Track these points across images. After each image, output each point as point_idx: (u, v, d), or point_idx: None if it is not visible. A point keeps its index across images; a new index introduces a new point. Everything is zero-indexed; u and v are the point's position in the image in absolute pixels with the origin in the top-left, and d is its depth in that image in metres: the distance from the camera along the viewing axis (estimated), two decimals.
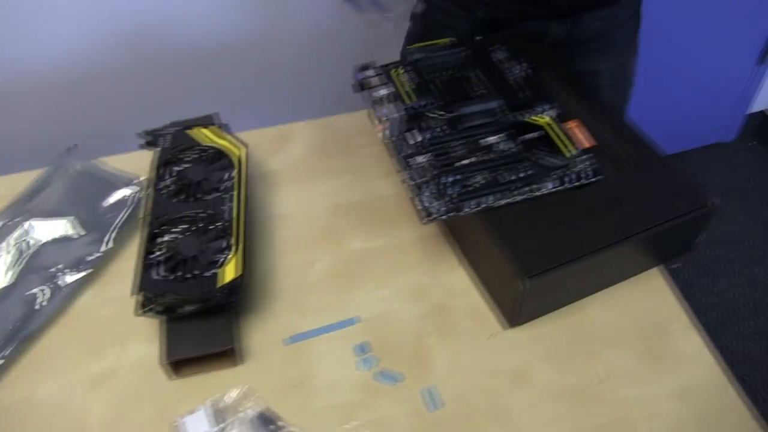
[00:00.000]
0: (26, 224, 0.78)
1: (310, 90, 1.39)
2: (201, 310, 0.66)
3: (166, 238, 0.70)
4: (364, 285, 0.73)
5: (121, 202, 0.82)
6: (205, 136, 0.80)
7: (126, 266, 0.73)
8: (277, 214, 0.81)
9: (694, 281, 1.61)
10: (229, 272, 0.67)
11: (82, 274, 0.74)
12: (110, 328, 0.71)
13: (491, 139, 0.74)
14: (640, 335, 0.69)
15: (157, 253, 0.68)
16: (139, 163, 0.81)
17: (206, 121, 0.83)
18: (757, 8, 1.71)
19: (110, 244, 0.77)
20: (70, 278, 0.73)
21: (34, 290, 0.72)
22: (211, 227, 0.71)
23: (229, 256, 0.68)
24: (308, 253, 0.77)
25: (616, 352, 0.67)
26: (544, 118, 0.76)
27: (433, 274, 0.74)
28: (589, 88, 0.82)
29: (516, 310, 0.66)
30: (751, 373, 1.43)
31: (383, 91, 0.75)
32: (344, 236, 0.78)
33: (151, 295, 0.65)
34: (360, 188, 0.83)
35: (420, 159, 0.72)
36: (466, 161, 0.72)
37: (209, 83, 1.30)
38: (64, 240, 0.77)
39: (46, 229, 0.78)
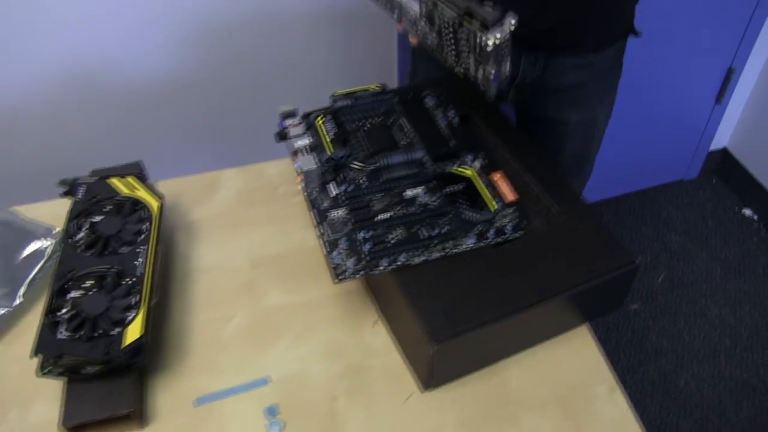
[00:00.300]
0: None
1: (243, 134, 1.36)
2: (105, 371, 0.63)
3: (74, 294, 0.67)
4: (279, 343, 0.71)
5: (37, 254, 0.79)
6: (123, 186, 0.78)
7: (36, 322, 0.70)
8: (198, 266, 0.78)
9: (652, 323, 1.59)
10: (134, 332, 0.64)
11: None
12: (15, 388, 0.67)
13: (413, 191, 0.72)
14: (562, 399, 0.66)
15: (64, 310, 0.65)
16: (60, 211, 0.78)
17: (128, 170, 0.81)
18: (715, 47, 1.72)
19: (21, 299, 0.74)
20: None
21: None
22: (121, 283, 0.68)
23: (135, 315, 0.65)
24: (225, 308, 0.74)
25: (535, 417, 0.65)
26: (469, 169, 0.74)
27: (352, 332, 0.71)
28: (521, 138, 0.80)
29: (430, 373, 0.63)
30: (707, 416, 1.41)
31: (302, 142, 0.73)
32: (262, 291, 0.75)
33: (49, 357, 0.62)
34: (283, 239, 0.80)
35: (337, 213, 0.70)
36: (385, 215, 0.70)
37: (139, 129, 1.25)
38: None
39: None
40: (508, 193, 0.72)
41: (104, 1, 1.05)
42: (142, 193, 0.77)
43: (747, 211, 1.92)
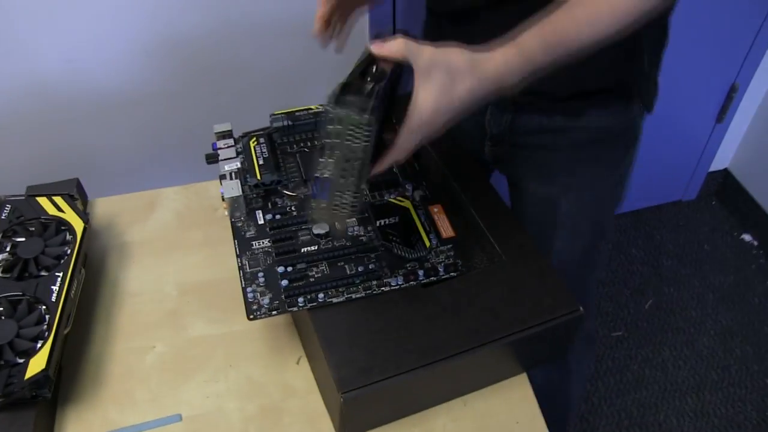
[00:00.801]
0: None
1: (186, 150, 1.26)
2: (8, 402, 0.60)
3: None
4: (197, 377, 0.67)
5: None
6: (51, 206, 0.74)
7: None
8: (125, 291, 0.75)
9: (635, 351, 1.53)
10: (38, 363, 0.60)
11: None
12: None
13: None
14: None
15: None
16: None
17: (62, 188, 0.78)
18: (717, 62, 1.65)
19: None
20: None
21: None
22: (34, 310, 0.65)
23: (43, 345, 0.61)
24: (147, 337, 0.71)
25: None
26: (407, 201, 0.70)
27: (274, 369, 0.68)
28: (474, 170, 0.75)
29: (342, 422, 0.59)
30: None
31: (230, 166, 0.69)
32: (187, 320, 0.72)
33: None
34: (215, 265, 0.77)
35: (261, 243, 0.66)
36: (311, 248, 0.66)
37: (87, 143, 1.18)
38: None
39: None
40: (446, 229, 0.67)
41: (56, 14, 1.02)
42: (68, 215, 0.73)
43: (746, 236, 1.85)
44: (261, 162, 0.71)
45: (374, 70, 0.52)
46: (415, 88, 0.52)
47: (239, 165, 0.70)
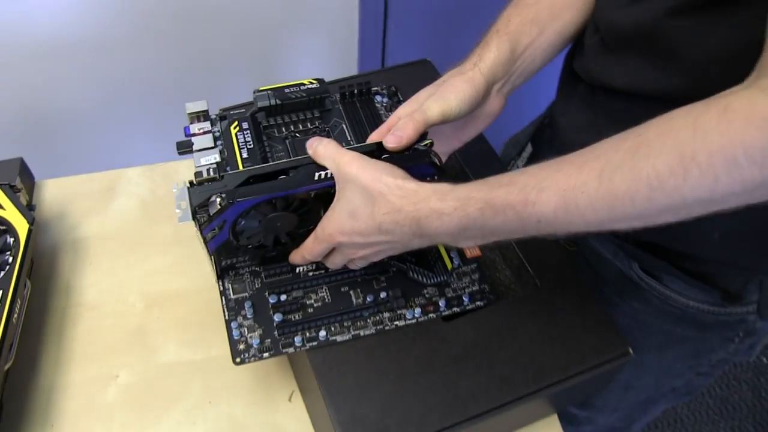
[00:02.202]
0: None
1: (151, 118, 1.08)
2: None
3: None
4: (168, 417, 0.56)
5: None
6: None
7: None
8: (80, 302, 0.63)
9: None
10: None
11: None
12: None
13: None
14: None
15: None
16: None
17: (1, 174, 0.64)
18: None
19: None
20: None
21: None
22: None
23: None
24: (107, 363, 0.59)
25: None
26: None
27: (262, 407, 0.57)
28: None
29: None
30: None
31: (207, 159, 0.56)
32: (156, 341, 0.60)
33: None
34: (188, 271, 0.65)
35: (246, 261, 0.54)
36: (309, 268, 0.54)
37: (28, 102, 0.99)
38: None
39: None
40: (470, 247, 0.56)
41: None
42: (9, 213, 0.60)
43: None
44: (245, 155, 0.57)
45: None
46: (336, 197, 0.47)
47: (217, 158, 0.57)
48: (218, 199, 0.48)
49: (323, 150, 0.48)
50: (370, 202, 0.45)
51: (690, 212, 0.36)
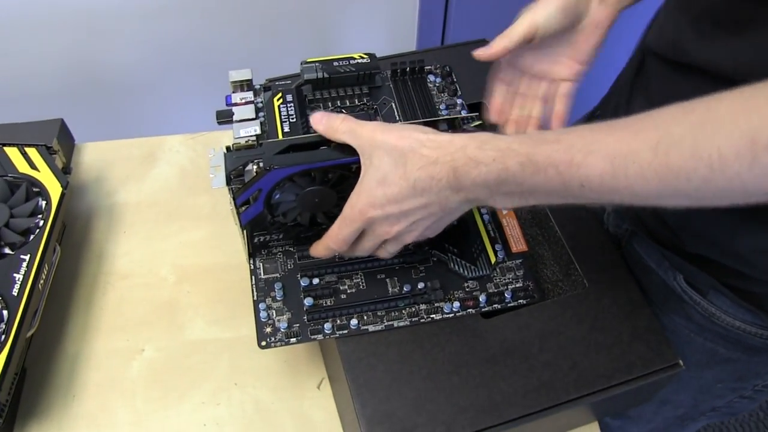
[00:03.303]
0: None
1: (198, 85, 1.04)
2: None
3: None
4: (192, 396, 0.54)
5: None
6: (23, 161, 0.60)
7: None
8: (111, 270, 0.62)
9: None
10: None
11: None
12: None
13: None
14: None
15: None
16: None
17: (40, 134, 0.63)
18: None
19: None
20: None
21: None
22: None
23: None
24: (135, 336, 0.58)
25: None
26: None
27: (290, 393, 0.55)
28: None
29: None
30: None
31: (245, 131, 0.54)
32: (184, 316, 0.59)
33: None
34: (222, 246, 0.63)
35: (279, 240, 0.51)
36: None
37: (75, 60, 0.98)
38: None
39: None
40: (517, 240, 0.52)
41: None
42: (43, 175, 0.59)
43: None
44: (287, 128, 0.55)
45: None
46: (361, 174, 0.43)
47: (258, 130, 0.54)
48: (254, 167, 0.45)
49: (340, 123, 0.45)
50: (402, 162, 0.41)
51: (748, 199, 0.33)
